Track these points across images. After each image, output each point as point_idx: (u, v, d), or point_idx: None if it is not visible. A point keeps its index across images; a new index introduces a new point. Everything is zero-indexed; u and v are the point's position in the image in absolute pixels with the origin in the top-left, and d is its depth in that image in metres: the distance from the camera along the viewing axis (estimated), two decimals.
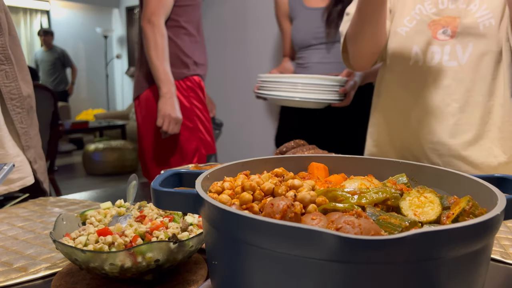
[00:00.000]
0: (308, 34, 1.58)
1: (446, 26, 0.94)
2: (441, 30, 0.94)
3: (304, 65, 1.62)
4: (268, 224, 0.30)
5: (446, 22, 0.94)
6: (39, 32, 5.99)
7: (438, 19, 0.95)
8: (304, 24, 1.59)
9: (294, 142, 0.89)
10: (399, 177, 0.48)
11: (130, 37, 7.20)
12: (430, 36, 0.95)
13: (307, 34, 1.58)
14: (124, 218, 0.59)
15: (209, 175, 0.45)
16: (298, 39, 1.62)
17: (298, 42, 1.63)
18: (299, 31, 1.61)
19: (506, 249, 0.62)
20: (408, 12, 0.99)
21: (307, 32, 1.58)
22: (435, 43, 0.95)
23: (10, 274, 0.54)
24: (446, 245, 0.29)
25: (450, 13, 0.94)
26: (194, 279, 0.52)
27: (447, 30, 0.93)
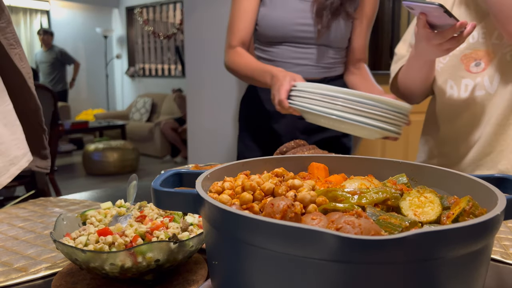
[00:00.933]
0: (289, 26, 1.25)
1: (479, 59, 0.98)
2: (473, 63, 0.99)
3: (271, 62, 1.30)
4: (268, 224, 0.30)
5: (478, 55, 0.98)
6: (38, 31, 5.96)
7: (470, 53, 0.99)
8: (286, 12, 1.25)
9: (294, 142, 0.89)
10: (399, 177, 0.48)
11: (130, 37, 7.21)
12: (463, 69, 1.00)
13: (288, 25, 1.25)
14: (125, 218, 0.59)
15: (209, 175, 0.45)
16: (273, 30, 1.27)
17: (271, 34, 1.28)
18: (277, 19, 1.26)
19: (506, 249, 0.62)
20: None
21: (287, 23, 1.25)
22: (468, 76, 1.00)
23: (11, 274, 0.54)
24: (446, 245, 0.29)
25: (480, 46, 0.98)
26: (194, 279, 0.52)
27: (480, 63, 0.98)
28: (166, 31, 6.68)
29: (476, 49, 0.99)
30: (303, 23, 1.25)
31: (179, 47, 6.22)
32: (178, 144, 5.46)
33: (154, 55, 6.94)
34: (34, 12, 6.51)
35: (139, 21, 6.98)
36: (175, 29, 6.50)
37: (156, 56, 6.92)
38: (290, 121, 1.31)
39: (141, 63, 7.16)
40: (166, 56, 6.77)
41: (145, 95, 6.51)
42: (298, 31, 1.25)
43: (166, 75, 6.78)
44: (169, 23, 6.65)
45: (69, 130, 4.72)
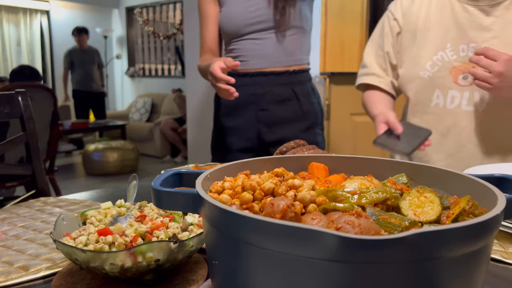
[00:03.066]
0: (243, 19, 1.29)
1: (467, 72, 1.00)
2: (461, 76, 1.01)
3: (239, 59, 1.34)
4: (268, 224, 0.30)
5: (466, 69, 1.00)
6: (73, 32, 5.73)
7: (459, 65, 1.01)
8: (239, 6, 1.30)
9: (294, 142, 0.89)
10: (399, 177, 0.48)
11: (130, 37, 7.20)
12: (451, 81, 1.02)
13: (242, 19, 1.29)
14: (125, 218, 0.59)
15: (210, 175, 0.45)
16: (229, 27, 1.32)
17: (228, 31, 1.33)
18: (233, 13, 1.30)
19: (506, 249, 0.62)
20: (430, 57, 1.05)
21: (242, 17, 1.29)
22: (455, 87, 1.01)
23: (11, 274, 0.54)
24: (446, 245, 0.29)
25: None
26: (194, 279, 0.52)
27: (468, 77, 1.00)
28: (166, 31, 6.68)
29: (466, 62, 1.00)
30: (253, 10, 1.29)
31: (179, 47, 6.22)
32: (178, 144, 5.46)
33: (154, 55, 6.94)
34: (34, 12, 6.51)
35: (139, 21, 6.98)
36: (175, 29, 6.50)
37: (156, 56, 6.91)
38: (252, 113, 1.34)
39: (141, 63, 7.16)
40: (166, 56, 6.77)
41: (145, 95, 6.51)
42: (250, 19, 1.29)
43: (166, 75, 6.77)
44: (169, 23, 6.65)
45: (69, 130, 4.72)
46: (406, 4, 1.13)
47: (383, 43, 1.17)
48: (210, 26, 1.35)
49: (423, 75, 1.06)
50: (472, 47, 0.99)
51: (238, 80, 1.31)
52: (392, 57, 1.16)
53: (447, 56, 1.03)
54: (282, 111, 1.33)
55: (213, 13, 1.34)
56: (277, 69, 1.32)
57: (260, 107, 1.33)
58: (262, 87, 1.32)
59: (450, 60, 1.02)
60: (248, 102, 1.33)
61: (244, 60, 1.33)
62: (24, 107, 1.14)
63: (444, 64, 1.03)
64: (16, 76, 3.22)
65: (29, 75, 3.24)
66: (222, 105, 1.38)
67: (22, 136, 1.12)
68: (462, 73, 1.00)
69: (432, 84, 1.04)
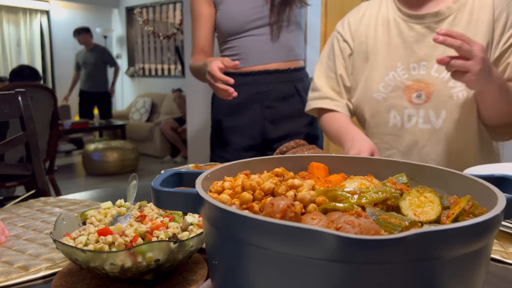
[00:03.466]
0: (244, 16, 1.30)
1: (420, 91, 1.00)
2: (415, 94, 1.01)
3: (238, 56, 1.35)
4: (268, 224, 0.30)
5: (419, 87, 1.00)
6: (74, 33, 5.69)
7: (411, 84, 1.01)
8: (238, 4, 1.31)
9: (294, 142, 0.89)
10: (399, 177, 0.48)
11: (129, 37, 7.20)
12: (405, 100, 1.02)
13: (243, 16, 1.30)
14: (125, 218, 0.59)
15: (209, 175, 0.45)
16: (229, 25, 1.33)
17: (228, 29, 1.33)
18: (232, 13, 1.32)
19: (506, 249, 0.62)
20: (382, 78, 1.05)
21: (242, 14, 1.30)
22: (410, 106, 1.02)
23: (11, 274, 0.54)
24: (446, 245, 0.29)
25: (421, 78, 1.00)
26: (194, 279, 0.52)
27: (421, 95, 1.00)
28: (166, 31, 6.68)
29: (418, 81, 1.00)
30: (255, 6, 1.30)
31: (179, 47, 6.22)
32: (178, 144, 5.46)
33: (154, 55, 6.94)
34: (34, 12, 6.51)
35: (139, 21, 6.98)
36: (175, 29, 6.50)
37: (156, 56, 6.91)
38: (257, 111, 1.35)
39: (141, 63, 7.16)
40: (166, 56, 6.77)
41: (145, 95, 6.51)
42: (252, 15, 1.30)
43: (166, 75, 6.77)
44: (169, 23, 6.65)
45: (69, 130, 4.72)
46: (354, 25, 1.12)
47: (335, 65, 1.14)
48: (203, 27, 1.36)
49: (377, 97, 1.05)
50: (423, 65, 1.00)
51: (240, 80, 1.32)
52: (346, 79, 1.14)
53: (398, 76, 1.02)
54: (286, 107, 1.36)
55: (207, 14, 1.35)
56: (280, 67, 1.34)
57: (266, 105, 1.34)
58: (266, 85, 1.33)
59: (402, 79, 1.02)
60: (252, 100, 1.34)
61: (243, 58, 1.34)
62: (24, 107, 1.14)
63: (397, 84, 1.02)
64: (15, 76, 3.22)
65: (28, 75, 3.24)
66: (225, 105, 1.38)
67: (22, 136, 1.12)
68: (415, 92, 1.00)
69: (387, 105, 1.04)
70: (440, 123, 0.98)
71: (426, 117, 0.99)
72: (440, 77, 0.97)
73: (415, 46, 1.00)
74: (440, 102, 0.97)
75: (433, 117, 0.99)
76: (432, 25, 0.99)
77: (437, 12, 0.98)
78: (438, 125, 0.99)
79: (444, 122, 0.98)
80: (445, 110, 0.97)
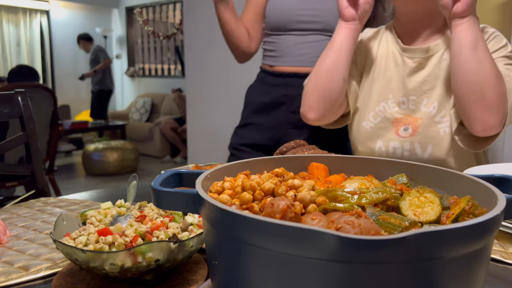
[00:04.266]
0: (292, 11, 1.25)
1: (408, 124, 1.01)
2: (402, 128, 1.01)
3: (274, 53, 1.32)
4: (268, 224, 0.30)
5: (408, 121, 1.01)
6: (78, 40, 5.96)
7: (401, 118, 1.02)
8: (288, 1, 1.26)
9: (294, 142, 0.89)
10: (399, 177, 0.48)
11: (129, 37, 7.21)
12: (393, 132, 1.02)
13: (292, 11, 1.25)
14: (125, 218, 0.59)
15: (209, 175, 0.45)
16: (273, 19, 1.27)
17: (272, 23, 1.28)
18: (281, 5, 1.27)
19: (506, 249, 0.62)
20: (373, 108, 1.05)
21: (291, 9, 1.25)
22: (396, 139, 1.02)
23: (11, 274, 0.54)
24: (446, 245, 0.29)
25: (411, 113, 1.01)
26: (194, 279, 0.52)
27: (408, 128, 1.00)
28: (166, 31, 6.68)
29: (407, 115, 1.01)
30: (307, 8, 1.25)
31: (179, 47, 6.22)
32: (178, 144, 5.46)
33: (154, 55, 6.94)
34: (34, 12, 6.51)
35: (138, 21, 6.98)
36: (175, 29, 6.50)
37: (155, 56, 6.91)
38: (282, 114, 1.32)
39: (141, 63, 7.16)
40: (166, 56, 6.77)
41: (144, 95, 6.51)
42: (301, 15, 1.25)
43: (166, 75, 6.77)
44: (168, 23, 6.65)
45: (69, 130, 4.72)
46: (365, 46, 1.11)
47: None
48: (249, 11, 1.34)
49: (365, 126, 1.05)
50: (412, 100, 1.00)
51: (272, 80, 1.32)
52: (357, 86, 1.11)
53: (389, 107, 1.03)
54: None
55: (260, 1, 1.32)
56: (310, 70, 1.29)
57: (292, 109, 1.30)
58: (296, 89, 1.28)
59: (392, 111, 1.02)
60: (280, 102, 1.31)
61: (278, 56, 1.31)
62: (23, 107, 1.14)
63: (386, 115, 1.03)
64: (14, 76, 3.22)
65: (27, 75, 3.24)
66: (254, 102, 1.36)
67: (22, 136, 1.12)
68: (403, 125, 1.01)
69: (374, 135, 1.04)
70: (426, 157, 0.99)
71: (411, 151, 1.00)
72: (427, 112, 0.98)
73: (407, 80, 1.02)
74: (427, 136, 0.98)
75: (419, 150, 0.99)
76: (422, 61, 1.00)
77: (427, 48, 1.00)
78: (424, 159, 0.99)
79: (430, 156, 0.99)
80: (431, 144, 0.98)
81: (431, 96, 0.98)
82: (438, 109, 0.97)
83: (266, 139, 1.34)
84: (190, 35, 2.86)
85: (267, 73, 1.34)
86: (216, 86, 2.76)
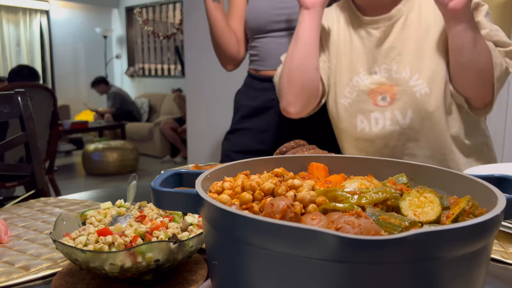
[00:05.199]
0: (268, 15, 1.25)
1: (384, 93, 1.01)
2: (380, 97, 1.01)
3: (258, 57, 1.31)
4: (268, 224, 0.30)
5: (383, 89, 1.01)
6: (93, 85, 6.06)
7: (375, 87, 1.02)
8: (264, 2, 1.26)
9: (294, 142, 0.89)
10: (399, 177, 0.48)
11: (129, 37, 7.21)
12: (371, 103, 1.03)
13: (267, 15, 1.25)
14: (124, 218, 0.59)
15: (209, 175, 0.45)
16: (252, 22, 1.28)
17: (251, 26, 1.28)
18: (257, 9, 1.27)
19: (506, 249, 0.62)
20: (347, 83, 1.05)
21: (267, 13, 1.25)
22: (376, 109, 1.02)
23: (12, 274, 0.54)
24: (446, 245, 0.29)
25: (384, 81, 1.01)
26: (194, 279, 0.52)
27: (386, 97, 1.01)
28: (165, 31, 6.68)
29: (381, 84, 1.01)
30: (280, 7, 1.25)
31: (179, 47, 6.22)
32: (177, 144, 5.46)
33: (154, 55, 6.94)
34: (34, 12, 6.51)
35: (138, 21, 6.98)
36: (175, 29, 6.50)
37: (155, 56, 6.91)
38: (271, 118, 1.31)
39: (141, 63, 7.16)
40: (166, 56, 6.77)
41: (144, 95, 6.51)
42: (276, 15, 1.25)
43: (166, 75, 6.77)
44: (168, 23, 6.65)
45: (69, 130, 4.72)
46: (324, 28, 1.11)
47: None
48: (235, 16, 1.34)
49: (344, 102, 1.06)
50: (383, 68, 1.01)
51: (259, 85, 1.32)
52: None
53: (361, 80, 1.03)
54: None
55: (240, 4, 1.33)
56: None
57: (279, 113, 1.27)
58: None
59: (366, 83, 1.03)
60: (268, 106, 1.31)
61: (262, 60, 1.31)
62: (23, 107, 1.14)
63: (361, 88, 1.03)
64: (14, 76, 3.22)
65: (27, 75, 3.24)
66: (243, 106, 1.36)
67: (22, 136, 1.12)
68: (380, 94, 1.01)
69: (354, 110, 1.04)
70: (408, 122, 1.00)
71: (393, 119, 1.00)
72: (401, 78, 0.99)
73: (374, 50, 1.02)
74: (405, 101, 0.99)
75: (400, 117, 1.00)
76: (386, 29, 1.01)
77: (389, 16, 1.01)
78: (406, 125, 1.00)
79: (412, 120, 0.99)
80: (410, 109, 0.99)
81: (401, 62, 0.99)
82: (411, 73, 0.98)
83: (256, 143, 1.34)
84: (190, 35, 2.86)
85: (253, 77, 1.34)
86: (216, 86, 2.76)
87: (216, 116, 2.80)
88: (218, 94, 2.75)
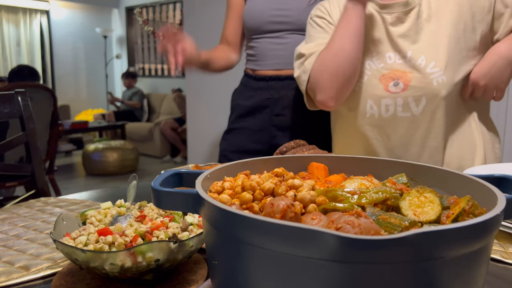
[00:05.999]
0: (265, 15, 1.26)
1: (397, 79, 0.99)
2: (392, 83, 0.99)
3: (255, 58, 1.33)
4: (268, 224, 0.30)
5: (396, 75, 0.99)
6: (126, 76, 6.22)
7: (388, 73, 1.00)
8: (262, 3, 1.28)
9: (294, 142, 0.89)
10: (399, 177, 0.48)
11: (129, 37, 7.20)
12: (382, 89, 1.00)
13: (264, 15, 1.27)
14: (125, 218, 0.59)
15: (209, 175, 0.45)
16: (249, 23, 1.30)
17: (249, 27, 1.30)
18: (255, 8, 1.29)
19: (506, 249, 0.62)
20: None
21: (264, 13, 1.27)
22: (387, 96, 1.00)
23: (12, 274, 0.54)
24: (446, 245, 0.29)
25: (398, 67, 0.99)
26: (194, 279, 0.52)
27: (399, 83, 0.98)
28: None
29: (394, 69, 0.99)
30: (277, 8, 1.26)
31: None
32: (178, 144, 5.46)
33: (154, 55, 6.94)
34: (34, 12, 6.51)
35: (138, 21, 6.98)
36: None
37: (155, 56, 6.91)
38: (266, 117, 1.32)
39: (141, 63, 7.16)
40: (166, 56, 6.77)
41: (144, 95, 6.51)
42: (272, 16, 1.26)
43: (166, 75, 6.77)
44: (168, 23, 6.65)
45: (69, 130, 4.72)
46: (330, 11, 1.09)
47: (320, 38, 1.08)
48: (231, 18, 1.36)
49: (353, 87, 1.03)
50: (398, 54, 1.00)
51: (255, 84, 1.32)
52: None
53: (374, 64, 1.02)
54: (298, 116, 1.32)
55: (237, 6, 1.35)
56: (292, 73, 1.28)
57: (275, 112, 1.31)
58: (278, 91, 1.30)
59: (378, 68, 1.01)
60: (263, 106, 1.32)
61: (259, 60, 1.32)
62: (23, 107, 1.14)
63: (373, 73, 1.01)
64: (15, 76, 3.22)
65: (28, 75, 3.24)
66: (239, 106, 1.37)
67: (22, 136, 1.12)
68: (392, 80, 0.99)
69: (364, 95, 1.02)
70: (420, 110, 0.98)
71: (404, 106, 0.99)
72: (417, 64, 0.97)
73: (388, 36, 1.01)
74: (420, 89, 0.97)
75: (413, 104, 0.98)
76: (401, 16, 1.00)
77: (405, 2, 0.99)
78: (419, 112, 0.98)
79: (425, 108, 0.98)
80: (425, 96, 0.97)
81: (416, 50, 0.98)
82: (427, 60, 0.97)
83: (252, 143, 1.34)
84: (190, 35, 2.86)
85: (249, 77, 1.35)
86: (216, 86, 2.76)
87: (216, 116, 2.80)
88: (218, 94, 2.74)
